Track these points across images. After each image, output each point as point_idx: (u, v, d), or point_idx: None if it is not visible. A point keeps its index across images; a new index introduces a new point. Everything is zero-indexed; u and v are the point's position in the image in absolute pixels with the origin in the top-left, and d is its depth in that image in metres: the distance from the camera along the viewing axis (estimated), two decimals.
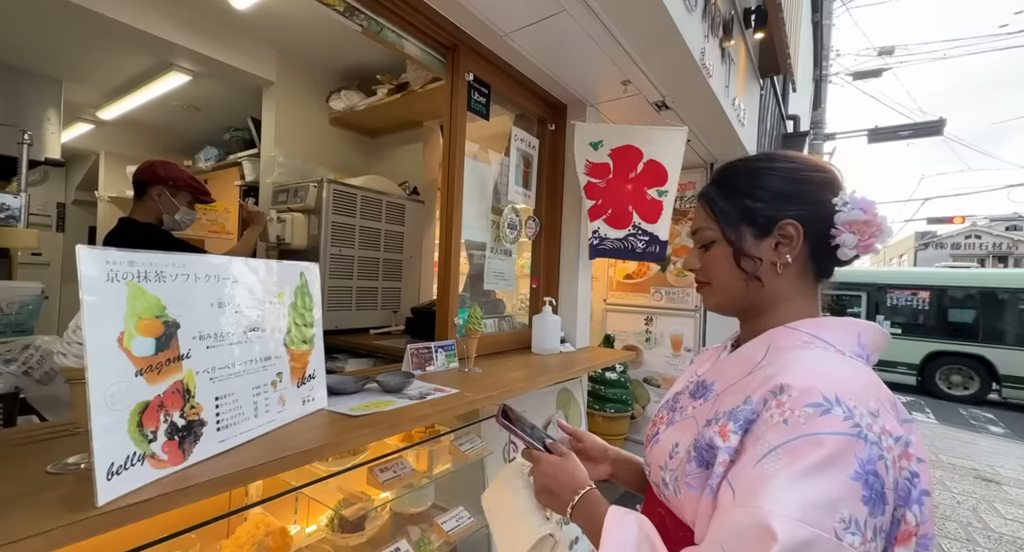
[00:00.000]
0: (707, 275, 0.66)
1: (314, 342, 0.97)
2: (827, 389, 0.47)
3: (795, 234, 0.60)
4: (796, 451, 0.44)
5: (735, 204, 0.62)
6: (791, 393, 0.48)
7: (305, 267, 0.97)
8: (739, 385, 0.55)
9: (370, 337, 2.13)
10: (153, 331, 0.62)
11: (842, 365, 0.52)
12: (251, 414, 0.78)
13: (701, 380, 0.64)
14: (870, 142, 8.46)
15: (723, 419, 0.52)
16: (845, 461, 0.43)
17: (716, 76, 1.90)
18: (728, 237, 0.62)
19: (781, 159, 0.63)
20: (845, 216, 0.58)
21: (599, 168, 1.90)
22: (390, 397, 1.09)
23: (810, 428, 0.44)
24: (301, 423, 0.89)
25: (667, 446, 0.59)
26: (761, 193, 0.61)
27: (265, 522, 0.94)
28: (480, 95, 1.69)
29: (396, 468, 1.05)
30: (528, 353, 1.86)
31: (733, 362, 0.61)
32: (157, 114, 3.06)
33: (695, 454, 0.53)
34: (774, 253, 0.60)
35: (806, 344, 0.56)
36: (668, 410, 0.67)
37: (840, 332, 0.57)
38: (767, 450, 0.45)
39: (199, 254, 0.72)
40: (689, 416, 0.60)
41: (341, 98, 2.50)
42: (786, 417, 0.46)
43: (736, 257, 0.62)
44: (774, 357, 0.56)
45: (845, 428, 0.44)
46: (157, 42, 2.01)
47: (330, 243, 2.07)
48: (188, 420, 0.66)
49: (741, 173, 0.64)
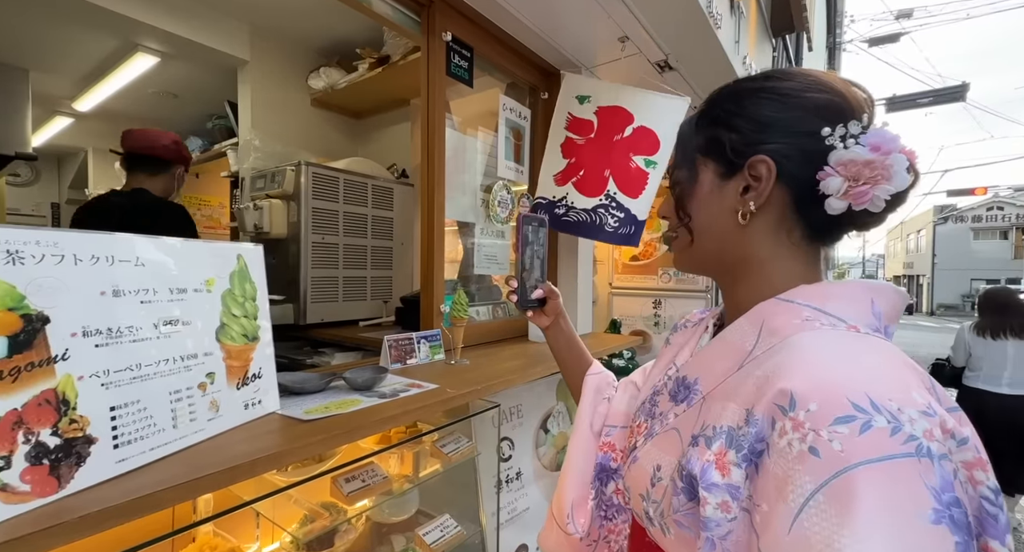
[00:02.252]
0: (672, 223, 0.55)
1: (260, 336, 0.83)
2: (853, 390, 0.32)
3: (766, 175, 0.44)
4: (844, 497, 0.30)
5: (705, 134, 0.50)
6: (807, 405, 0.33)
7: (245, 248, 0.83)
8: (728, 386, 0.41)
9: (359, 329, 2.00)
10: (4, 328, 0.49)
11: (862, 349, 0.37)
12: (167, 425, 0.64)
13: (681, 377, 0.49)
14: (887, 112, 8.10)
15: (717, 442, 0.38)
16: (916, 499, 0.29)
17: (725, 29, 1.71)
18: (682, 175, 0.52)
19: (781, 77, 0.47)
20: (842, 154, 0.42)
21: (581, 124, 1.67)
22: (357, 396, 0.95)
23: (852, 456, 0.30)
24: (240, 431, 0.75)
25: (647, 468, 0.46)
26: (738, 121, 0.47)
27: (211, 544, 0.82)
28: (461, 58, 1.52)
29: (365, 476, 0.92)
30: (524, 342, 1.71)
31: (717, 351, 0.47)
32: (135, 103, 2.94)
33: (683, 485, 0.39)
34: (739, 199, 0.46)
35: (808, 321, 0.41)
36: (646, 415, 0.53)
37: (849, 300, 0.42)
38: (803, 500, 0.31)
39: (80, 230, 0.57)
40: (671, 427, 0.46)
41: (321, 76, 2.34)
42: (812, 444, 0.31)
43: (679, 200, 0.52)
44: (768, 343, 0.41)
45: (897, 446, 0.30)
46: (119, 20, 1.86)
47: (312, 230, 1.93)
48: (66, 438, 0.53)
49: (724, 97, 0.50)
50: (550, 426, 1.64)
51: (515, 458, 1.49)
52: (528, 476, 1.53)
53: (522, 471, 1.51)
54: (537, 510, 1.54)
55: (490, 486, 1.36)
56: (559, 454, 1.67)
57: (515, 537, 1.45)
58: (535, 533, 1.52)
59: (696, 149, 0.51)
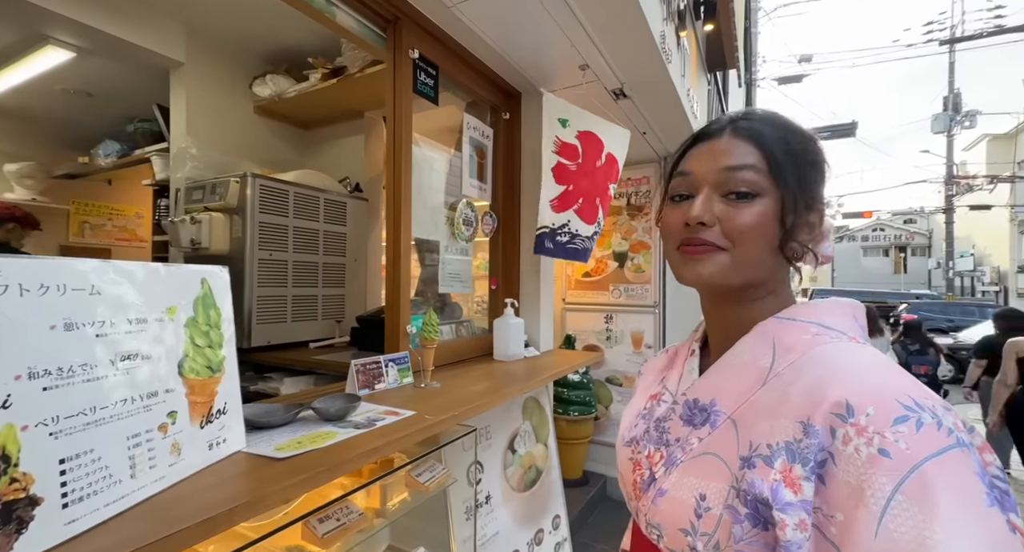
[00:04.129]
0: (728, 237, 0.47)
1: (224, 367, 0.75)
2: (899, 393, 0.36)
3: (819, 224, 0.50)
4: (920, 492, 0.32)
5: (793, 160, 0.48)
6: (866, 410, 0.35)
7: (209, 272, 0.75)
8: (766, 403, 0.42)
9: (310, 352, 1.87)
10: None
11: (877, 358, 0.41)
12: (124, 475, 0.56)
13: (691, 401, 0.50)
14: None
15: (779, 459, 0.38)
16: (971, 485, 0.32)
17: (674, 63, 1.84)
18: (787, 194, 0.46)
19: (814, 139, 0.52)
20: (828, 220, 0.50)
21: (569, 149, 1.71)
22: (330, 427, 0.89)
23: (917, 452, 0.33)
24: (206, 475, 0.67)
25: (686, 499, 0.44)
26: (817, 164, 0.50)
27: None
28: (427, 76, 1.51)
29: (339, 515, 0.85)
30: (490, 361, 1.69)
31: (729, 372, 0.48)
32: (38, 100, 2.60)
33: (747, 510, 0.39)
34: (807, 236, 0.49)
35: (817, 336, 0.44)
36: (656, 444, 0.51)
37: (839, 316, 0.47)
38: (884, 503, 0.32)
39: (26, 256, 0.49)
40: (703, 452, 0.45)
41: (267, 84, 2.21)
42: (880, 446, 0.34)
43: (794, 225, 0.46)
44: (788, 359, 0.43)
45: (944, 440, 0.33)
46: (24, 7, 1.64)
47: (258, 246, 1.80)
48: (4, 502, 0.44)
49: (796, 133, 0.50)
50: (517, 446, 1.62)
51: (484, 481, 1.46)
52: (497, 499, 1.50)
53: (491, 494, 1.48)
54: (507, 533, 1.50)
55: (460, 513, 1.32)
56: (526, 474, 1.65)
57: None
58: None
59: (792, 173, 0.47)
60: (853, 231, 26.70)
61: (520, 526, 1.57)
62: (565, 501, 1.88)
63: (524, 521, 1.60)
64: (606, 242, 2.96)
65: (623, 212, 2.97)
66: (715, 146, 0.50)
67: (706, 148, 0.51)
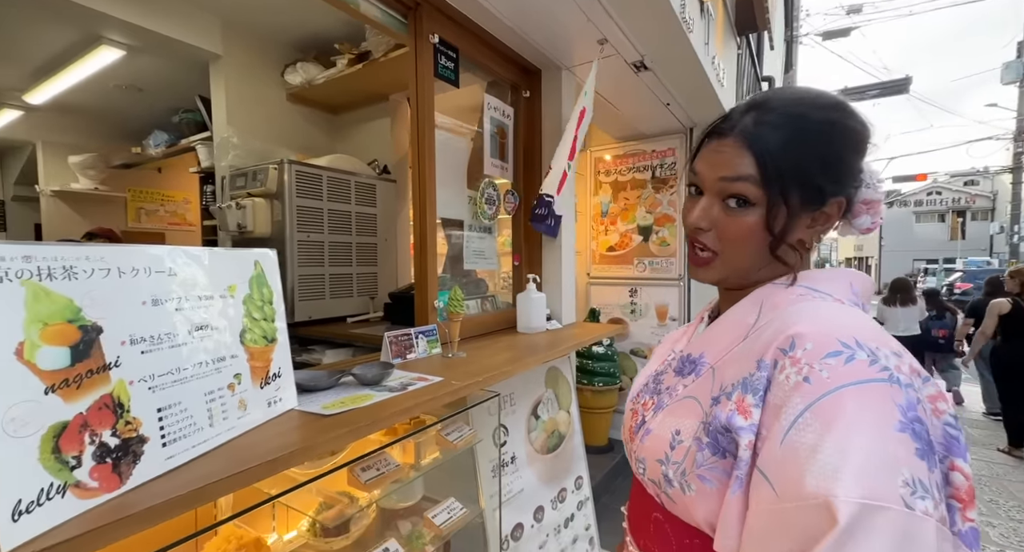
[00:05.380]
0: (720, 243, 0.52)
1: (277, 337, 0.87)
2: (843, 334, 0.40)
3: (836, 214, 0.51)
4: (828, 411, 0.37)
5: (796, 162, 0.48)
6: (805, 345, 0.41)
7: (260, 254, 0.86)
8: (740, 351, 0.47)
9: (347, 326, 2.02)
10: (65, 339, 0.52)
11: (850, 311, 0.46)
12: (205, 424, 0.68)
13: (685, 355, 0.55)
14: None
15: (736, 392, 0.43)
16: (886, 411, 0.36)
17: (696, 31, 1.80)
18: (775, 205, 0.48)
19: (848, 111, 0.50)
20: (868, 193, 0.51)
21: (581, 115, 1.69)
22: (368, 391, 1.00)
23: (836, 381, 0.38)
24: (268, 428, 0.80)
25: (664, 435, 0.50)
26: (831, 158, 0.49)
27: (237, 535, 0.86)
28: (448, 59, 1.56)
29: (379, 465, 0.98)
30: (514, 333, 1.79)
31: (720, 330, 0.53)
32: (95, 97, 2.80)
33: (708, 440, 0.45)
34: (807, 231, 0.51)
35: (802, 297, 0.49)
36: (651, 394, 0.57)
37: (833, 282, 0.51)
38: (793, 418, 0.38)
39: (122, 245, 0.60)
40: (685, 396, 0.51)
41: (297, 71, 2.31)
42: (806, 374, 0.39)
43: (781, 234, 0.49)
44: (772, 315, 0.48)
45: (874, 373, 0.38)
46: (81, 11, 1.78)
47: (296, 229, 1.93)
48: (123, 438, 0.56)
49: (813, 122, 0.48)
50: (540, 412, 1.73)
51: (509, 444, 1.57)
52: (522, 460, 1.61)
53: (516, 455, 1.60)
54: (531, 491, 1.63)
55: (487, 471, 1.44)
56: (549, 438, 1.76)
57: (512, 517, 1.54)
58: (529, 512, 1.62)
59: (790, 179, 0.48)
60: (905, 196, 24.96)
61: (544, 485, 1.70)
62: (588, 465, 1.99)
63: (548, 481, 1.72)
64: (630, 216, 2.97)
65: (647, 185, 2.95)
66: (720, 149, 0.51)
67: (713, 148, 0.52)
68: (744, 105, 0.52)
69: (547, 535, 1.67)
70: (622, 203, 3.03)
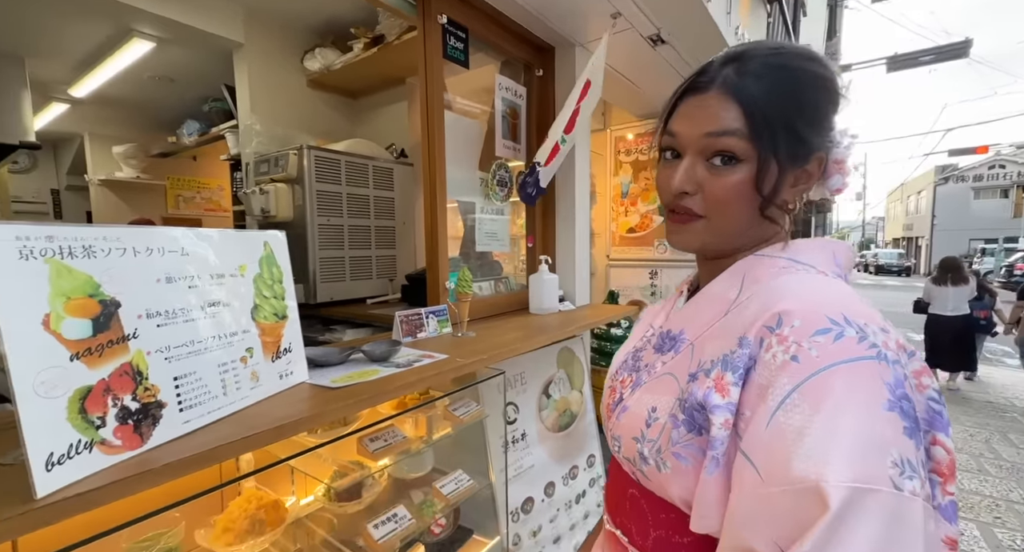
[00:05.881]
0: (706, 206, 0.49)
1: (287, 315, 0.92)
2: (831, 310, 0.39)
3: (817, 172, 0.49)
4: (816, 391, 0.35)
5: (782, 112, 0.45)
6: (792, 322, 0.39)
7: (269, 236, 0.91)
8: (721, 327, 0.46)
9: (367, 307, 2.10)
10: (87, 311, 0.58)
11: (835, 284, 0.45)
12: (219, 392, 0.74)
13: (664, 331, 0.54)
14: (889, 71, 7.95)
15: (716, 369, 0.43)
16: (875, 390, 0.35)
17: (715, 1, 1.72)
18: (765, 160, 0.45)
19: (826, 61, 0.48)
20: (839, 152, 0.49)
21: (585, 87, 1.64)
22: (375, 366, 1.05)
23: (826, 359, 0.37)
24: (279, 398, 0.85)
25: (640, 412, 0.49)
26: (810, 110, 0.47)
27: (258, 496, 0.93)
28: (457, 40, 1.56)
29: (387, 437, 1.03)
30: (526, 314, 1.81)
31: (700, 304, 0.52)
32: (132, 89, 2.94)
33: (684, 417, 0.44)
34: (790, 190, 0.49)
35: (784, 269, 0.47)
36: (630, 371, 0.56)
37: (816, 252, 0.49)
38: (780, 399, 0.37)
39: (134, 226, 0.66)
40: (663, 373, 0.50)
41: (316, 57, 2.35)
42: (794, 353, 0.38)
43: (772, 192, 0.46)
44: (754, 290, 0.46)
45: (863, 351, 0.37)
46: (113, 6, 1.86)
47: (317, 213, 2.00)
48: (143, 403, 0.62)
49: (794, 71, 0.47)
50: (552, 392, 1.76)
51: (520, 421, 1.62)
52: (532, 437, 1.66)
53: (527, 433, 1.64)
54: (542, 467, 1.67)
55: (498, 446, 1.49)
56: (560, 417, 1.79)
57: (522, 491, 1.59)
58: (540, 487, 1.67)
59: (780, 133, 0.46)
60: (963, 170, 23.13)
61: (555, 462, 1.74)
62: (601, 444, 2.02)
63: (559, 458, 1.76)
64: (651, 196, 2.91)
65: None
66: (702, 104, 0.48)
67: (693, 105, 0.49)
68: (720, 59, 0.50)
69: (557, 509, 1.72)
70: (643, 183, 2.97)
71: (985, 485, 2.62)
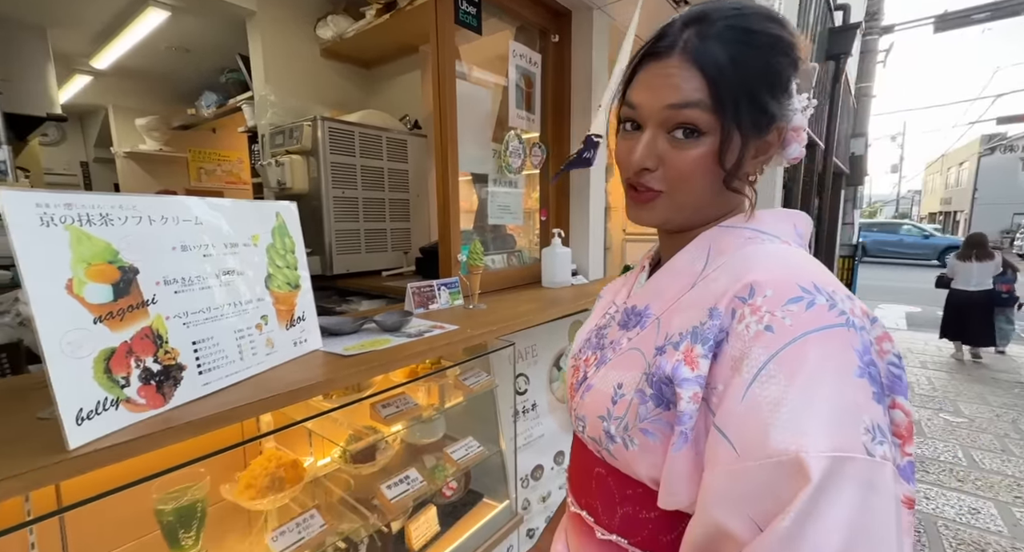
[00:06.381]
0: (666, 182, 0.47)
1: (300, 284, 0.94)
2: (802, 279, 0.39)
3: (777, 142, 0.48)
4: (792, 361, 0.35)
5: (744, 80, 0.43)
6: (765, 292, 0.39)
7: (281, 206, 0.92)
8: (688, 299, 0.46)
9: (382, 279, 2.13)
10: (107, 277, 0.60)
11: (801, 253, 0.45)
12: (235, 357, 0.78)
13: (629, 307, 0.52)
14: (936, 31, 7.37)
15: (685, 342, 0.42)
16: (846, 357, 0.36)
17: None
18: (729, 131, 0.44)
19: (786, 22, 0.46)
20: (798, 119, 0.48)
21: None
22: (387, 336, 1.08)
23: (800, 327, 0.36)
24: (293, 364, 0.89)
25: (606, 390, 0.48)
26: (772, 78, 0.45)
27: (277, 456, 0.99)
28: (469, 4, 1.51)
29: (398, 404, 1.07)
30: (539, 287, 1.82)
31: (665, 278, 0.50)
32: (150, 60, 2.95)
33: (652, 391, 0.43)
34: (752, 161, 0.48)
35: (750, 240, 0.47)
36: (594, 349, 0.55)
37: (778, 222, 0.49)
38: (756, 370, 0.36)
39: (150, 195, 0.67)
40: (629, 348, 0.49)
41: (328, 25, 2.31)
42: (767, 322, 0.37)
43: (736, 165, 0.45)
44: (722, 261, 0.46)
45: (833, 318, 0.37)
46: None
47: (332, 185, 2.01)
48: (164, 365, 0.66)
49: (757, 35, 0.44)
50: (563, 364, 1.78)
51: (530, 392, 1.65)
52: (543, 408, 1.69)
53: (537, 403, 1.67)
54: (551, 436, 1.71)
55: (508, 416, 1.53)
56: None
57: (532, 458, 1.64)
58: (550, 455, 1.71)
59: (735, 93, 0.43)
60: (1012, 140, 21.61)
61: (565, 432, 1.78)
62: None
63: (569, 428, 1.80)
64: None
65: None
66: (663, 72, 0.45)
67: (653, 72, 0.46)
68: (680, 20, 0.46)
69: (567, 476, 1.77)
70: None
71: (1008, 465, 2.59)
